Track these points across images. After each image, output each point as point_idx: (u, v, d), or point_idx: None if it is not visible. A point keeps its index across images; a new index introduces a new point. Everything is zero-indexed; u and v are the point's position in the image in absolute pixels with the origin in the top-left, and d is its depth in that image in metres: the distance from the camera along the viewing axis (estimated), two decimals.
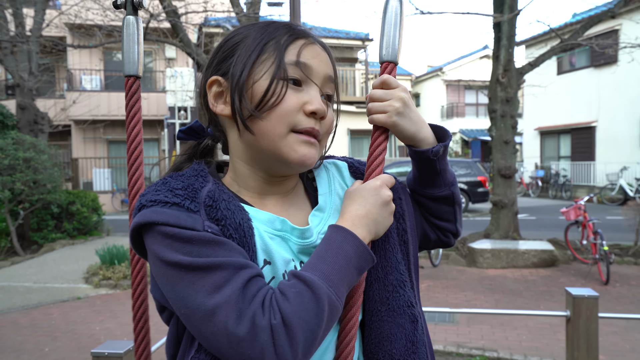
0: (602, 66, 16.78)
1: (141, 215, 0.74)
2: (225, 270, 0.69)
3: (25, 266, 8.01)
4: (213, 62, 0.86)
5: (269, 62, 0.80)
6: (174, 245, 0.71)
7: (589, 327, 2.81)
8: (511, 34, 8.40)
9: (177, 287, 0.70)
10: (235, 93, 0.80)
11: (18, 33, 9.89)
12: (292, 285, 0.71)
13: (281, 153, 0.81)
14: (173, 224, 0.71)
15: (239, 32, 0.86)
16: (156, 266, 0.73)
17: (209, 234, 0.72)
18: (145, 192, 0.77)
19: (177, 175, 0.80)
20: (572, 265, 7.43)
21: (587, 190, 17.00)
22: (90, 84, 16.93)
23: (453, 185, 0.98)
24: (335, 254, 0.75)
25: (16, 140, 8.96)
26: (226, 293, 0.68)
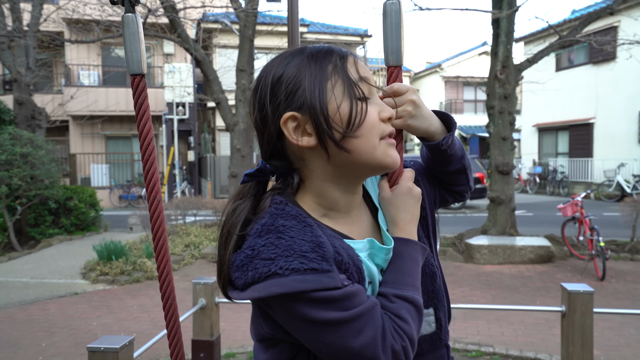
0: (600, 63, 16.78)
1: (281, 284, 0.76)
2: (364, 316, 0.79)
3: (22, 262, 8.01)
4: (277, 101, 0.86)
5: (340, 85, 0.85)
6: (319, 306, 0.77)
7: (584, 322, 2.83)
8: (510, 30, 8.40)
9: (322, 336, 0.78)
10: (322, 121, 0.84)
11: (15, 28, 9.85)
12: (400, 306, 0.85)
13: (379, 161, 0.88)
14: (319, 289, 0.77)
15: (288, 67, 0.87)
16: (296, 324, 0.80)
17: (347, 288, 0.79)
18: (270, 256, 0.78)
19: (284, 228, 0.82)
20: (568, 261, 7.46)
21: (584, 186, 17.03)
22: (88, 79, 16.88)
23: (463, 158, 1.09)
24: (412, 265, 0.91)
25: (13, 135, 8.94)
26: (368, 334, 0.78)
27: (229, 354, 4.17)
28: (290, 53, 0.90)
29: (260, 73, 0.92)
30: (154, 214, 1.08)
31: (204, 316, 3.33)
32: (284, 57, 0.90)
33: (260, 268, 0.78)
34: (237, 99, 9.10)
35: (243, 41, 9.03)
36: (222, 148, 18.83)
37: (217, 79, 9.38)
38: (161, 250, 1.10)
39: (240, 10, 8.89)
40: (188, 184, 16.76)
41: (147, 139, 1.05)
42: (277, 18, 14.79)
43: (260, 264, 0.78)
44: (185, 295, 5.90)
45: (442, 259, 7.77)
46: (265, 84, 0.88)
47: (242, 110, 9.05)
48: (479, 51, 27.79)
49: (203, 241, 8.63)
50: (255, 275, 0.78)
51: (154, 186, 1.07)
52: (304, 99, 0.84)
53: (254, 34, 9.15)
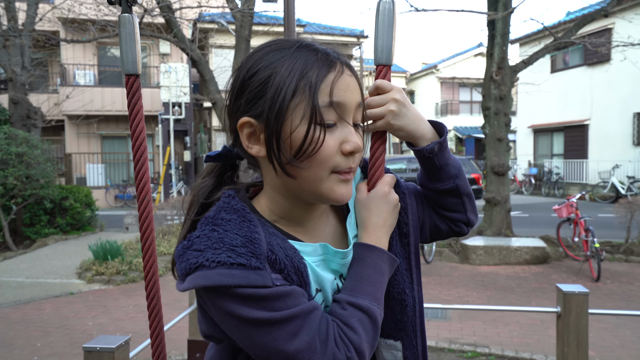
0: (595, 65, 16.87)
1: (206, 277, 0.73)
2: (298, 319, 0.75)
3: (17, 261, 7.98)
4: (241, 100, 0.83)
5: (303, 106, 0.78)
6: (247, 303, 0.74)
7: (579, 323, 2.84)
8: (505, 31, 8.43)
9: (253, 337, 0.75)
10: (273, 142, 0.79)
11: (10, 27, 9.81)
12: (351, 314, 0.80)
13: (321, 194, 0.83)
14: (245, 285, 0.73)
15: (264, 66, 0.81)
16: (227, 321, 0.76)
17: (279, 287, 0.76)
18: (200, 248, 0.76)
19: (222, 221, 0.79)
20: (563, 262, 7.49)
21: (579, 187, 17.11)
22: (84, 79, 16.82)
23: (457, 178, 1.00)
24: (374, 273, 0.85)
25: (9, 134, 8.90)
26: (303, 339, 0.74)
27: None
28: (276, 48, 0.83)
29: (243, 60, 0.86)
30: (143, 214, 1.07)
31: None
32: (267, 51, 0.84)
33: (190, 259, 0.75)
34: None
35: (239, 41, 9.02)
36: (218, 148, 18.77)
37: (214, 79, 9.37)
38: (149, 250, 1.10)
39: (236, 11, 8.89)
40: (184, 184, 16.72)
41: (140, 139, 1.05)
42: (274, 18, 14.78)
43: (191, 255, 0.76)
44: (182, 296, 5.89)
45: (438, 260, 7.79)
46: (239, 77, 0.84)
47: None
48: (474, 52, 27.89)
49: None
50: (186, 267, 0.76)
51: (144, 186, 1.06)
52: (263, 109, 0.79)
53: (251, 34, 9.15)
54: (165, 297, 5.93)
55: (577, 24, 8.55)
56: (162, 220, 9.63)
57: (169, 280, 6.79)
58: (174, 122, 16.05)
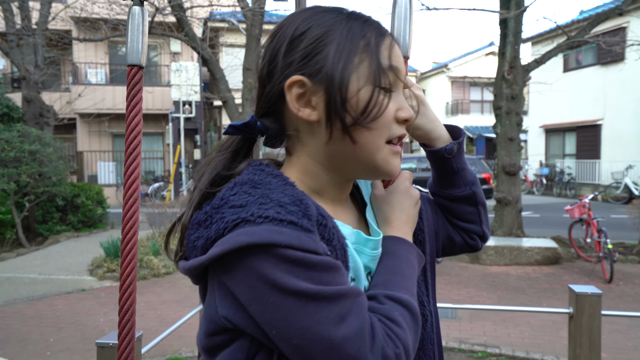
0: (608, 64, 16.67)
1: (251, 233, 0.63)
2: (347, 299, 0.64)
3: (30, 258, 8.07)
4: (289, 58, 0.75)
5: (366, 66, 0.73)
6: (293, 270, 0.63)
7: (592, 324, 2.81)
8: (517, 30, 8.36)
9: (293, 317, 0.62)
10: (338, 99, 0.72)
11: (24, 26, 9.92)
12: (392, 308, 0.71)
13: (376, 165, 0.77)
14: (296, 247, 0.63)
15: (316, 24, 0.75)
16: (264, 294, 0.63)
17: (330, 258, 0.66)
18: (240, 203, 0.66)
19: (261, 181, 0.71)
20: (575, 263, 7.42)
21: (591, 188, 16.93)
22: (96, 78, 16.97)
23: (474, 185, 0.96)
24: (407, 267, 0.79)
25: (22, 132, 9.00)
26: (353, 324, 0.63)
27: None
28: (324, 10, 0.77)
29: (283, 21, 0.79)
30: (128, 212, 0.99)
31: None
32: (315, 11, 0.77)
33: (227, 217, 0.65)
34: (243, 98, 9.11)
35: (250, 40, 9.04)
36: None
37: (224, 78, 9.40)
38: (129, 253, 1.01)
39: (247, 9, 8.91)
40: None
41: (135, 132, 1.01)
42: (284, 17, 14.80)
43: (228, 212, 0.66)
44: (192, 293, 5.92)
45: (448, 260, 7.76)
46: (283, 35, 0.76)
47: (248, 109, 9.06)
48: (486, 51, 27.69)
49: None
50: (221, 227, 0.65)
51: (134, 182, 1.00)
52: (322, 67, 0.72)
53: (261, 33, 9.16)
54: (175, 294, 5.97)
55: (590, 23, 8.46)
56: (172, 218, 9.69)
57: (179, 277, 6.83)
58: (185, 121, 16.13)
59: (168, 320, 4.97)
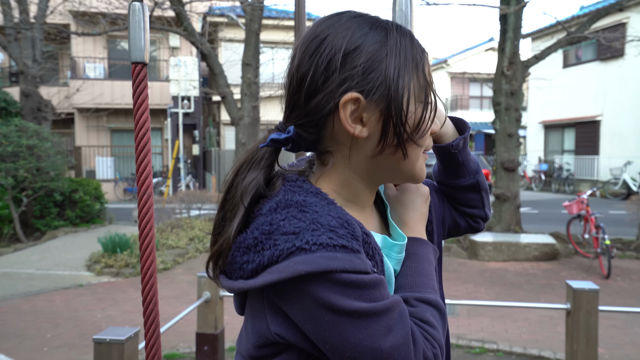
0: (608, 60, 16.66)
1: (308, 262, 0.65)
2: (393, 311, 0.70)
3: (27, 253, 8.06)
4: (348, 72, 0.73)
5: (416, 84, 0.76)
6: (347, 292, 0.66)
7: (589, 320, 2.82)
8: (517, 26, 8.34)
9: (347, 333, 0.67)
10: (397, 117, 0.74)
11: (22, 20, 9.87)
12: (424, 310, 0.76)
13: (414, 173, 0.82)
14: (349, 270, 0.66)
15: (366, 38, 0.74)
16: (319, 315, 0.67)
17: (377, 275, 0.70)
18: (293, 230, 0.67)
19: (305, 202, 0.71)
20: (573, 259, 7.43)
21: (590, 184, 16.95)
22: (94, 72, 16.91)
23: (477, 173, 1.00)
24: (428, 266, 0.83)
25: (19, 127, 8.97)
26: (399, 334, 0.69)
27: (233, 347, 4.18)
28: (369, 23, 0.76)
29: (321, 28, 0.77)
30: (144, 208, 1.02)
31: (209, 309, 3.34)
32: (360, 22, 0.76)
33: (281, 244, 0.66)
34: (242, 93, 9.09)
35: (249, 35, 9.01)
36: (227, 142, 18.83)
37: (223, 73, 9.37)
38: (148, 246, 1.03)
39: (246, 4, 8.87)
40: (193, 177, 16.79)
41: (144, 129, 1.03)
42: (284, 12, 14.75)
43: (281, 239, 0.67)
44: (190, 288, 5.92)
45: (447, 255, 7.76)
46: (336, 48, 0.74)
47: (247, 105, 9.04)
48: (485, 47, 27.64)
49: (207, 235, 8.65)
50: (275, 254, 0.66)
51: (146, 178, 1.03)
52: (379, 84, 0.73)
53: (260, 28, 9.13)
54: (173, 290, 5.97)
55: (590, 19, 8.44)
56: (170, 214, 9.69)
57: (177, 273, 6.83)
58: (183, 116, 16.09)
59: (165, 316, 4.96)
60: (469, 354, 4.09)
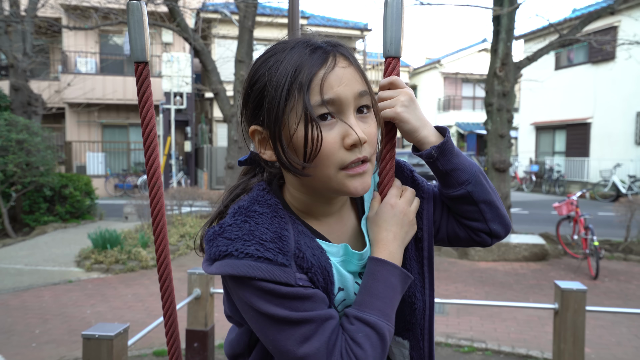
0: (599, 62, 16.79)
1: (233, 266, 0.77)
2: (313, 323, 0.77)
3: (16, 248, 7.99)
4: (247, 108, 0.87)
5: (298, 108, 0.79)
6: (266, 297, 0.77)
7: (576, 320, 2.85)
8: (510, 27, 8.38)
9: (267, 331, 0.78)
10: (279, 147, 0.81)
11: (12, 13, 9.77)
12: (358, 329, 0.80)
13: (335, 190, 0.84)
14: (269, 280, 0.76)
15: (262, 74, 0.83)
16: (247, 310, 0.80)
17: (301, 288, 0.78)
18: (231, 237, 0.79)
19: (254, 213, 0.82)
20: (562, 260, 7.50)
21: (580, 186, 17.10)
22: (86, 67, 16.77)
23: (469, 184, 0.94)
24: (385, 288, 0.84)
25: (9, 121, 8.88)
26: (314, 345, 0.76)
27: (223, 344, 4.18)
28: (272, 53, 0.84)
29: (251, 67, 0.88)
30: (154, 200, 1.09)
31: (199, 306, 3.34)
32: (266, 56, 0.85)
33: (220, 246, 0.79)
34: (235, 90, 9.06)
35: (242, 32, 8.98)
36: (219, 139, 18.77)
37: (216, 70, 9.34)
38: (160, 235, 1.13)
39: (240, 1, 8.84)
40: (184, 174, 16.72)
41: (150, 126, 1.06)
42: (277, 10, 14.72)
43: (221, 242, 0.79)
44: (180, 285, 5.89)
45: (437, 255, 7.80)
46: (245, 87, 0.87)
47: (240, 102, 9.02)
48: (478, 48, 27.73)
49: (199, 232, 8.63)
50: (216, 252, 0.79)
51: (155, 172, 1.08)
52: (266, 114, 0.81)
53: (254, 25, 9.11)
54: None
55: (582, 21, 8.50)
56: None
57: None
58: (175, 112, 16.02)
59: (155, 312, 4.95)
60: (457, 353, 4.12)
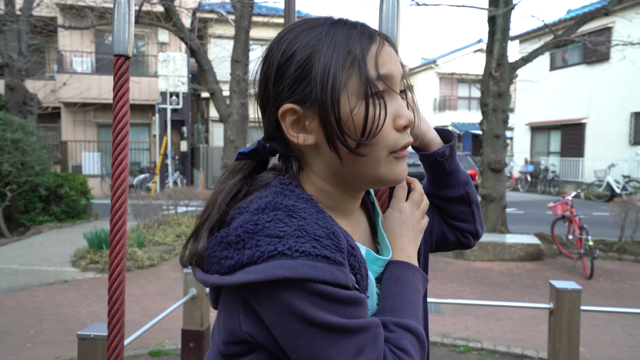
0: (594, 63, 16.88)
1: (287, 267, 0.64)
2: (367, 332, 0.68)
3: (11, 248, 7.96)
4: (279, 86, 0.75)
5: (354, 82, 0.72)
6: (322, 304, 0.65)
7: (571, 319, 2.86)
8: (505, 28, 8.41)
9: (315, 345, 0.65)
10: (334, 126, 0.72)
11: (8, 12, 9.72)
12: (402, 336, 0.74)
13: (380, 176, 0.77)
14: (329, 282, 0.65)
15: (301, 46, 0.74)
16: (290, 322, 0.66)
17: (357, 292, 0.69)
18: (277, 234, 0.66)
19: (295, 208, 0.70)
20: (557, 260, 7.53)
21: (575, 186, 17.17)
22: (81, 66, 16.71)
23: (467, 185, 0.98)
24: (413, 292, 0.80)
25: (4, 121, 8.84)
26: (370, 357, 0.67)
27: None
28: (309, 26, 0.76)
29: (272, 43, 0.78)
30: (116, 204, 1.00)
31: (195, 306, 3.34)
32: (300, 30, 0.76)
33: (263, 246, 0.65)
34: (231, 90, 9.05)
35: (239, 32, 8.97)
36: (215, 139, 18.75)
37: (212, 70, 9.32)
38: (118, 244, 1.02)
39: (236, 1, 8.83)
40: (180, 174, 16.69)
41: (122, 123, 1.01)
42: (274, 10, 14.72)
43: (263, 240, 0.66)
44: (176, 285, 5.90)
45: (433, 255, 7.82)
46: (272, 62, 0.76)
47: (236, 102, 9.01)
48: (474, 48, 27.83)
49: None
50: (255, 254, 0.65)
51: (122, 172, 1.01)
52: (310, 92, 0.72)
53: (250, 25, 9.10)
54: (159, 286, 5.94)
55: (577, 22, 8.54)
56: (157, 210, 9.62)
57: (164, 269, 6.79)
58: (171, 112, 15.98)
59: (151, 312, 4.94)
60: (453, 353, 4.13)
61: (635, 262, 7.40)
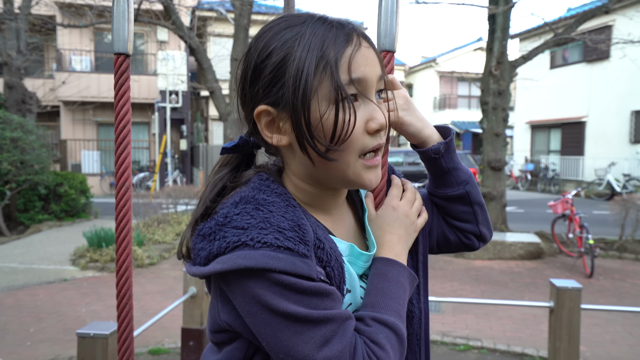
0: (594, 61, 16.86)
1: (249, 257, 0.66)
2: (334, 323, 0.69)
3: (11, 247, 7.95)
4: (255, 87, 0.76)
5: (326, 86, 0.72)
6: (285, 293, 0.67)
7: (572, 318, 2.86)
8: (505, 26, 8.40)
9: (281, 334, 0.68)
10: (304, 130, 0.72)
11: (6, 10, 9.70)
12: (377, 330, 0.74)
13: (349, 180, 0.78)
14: (291, 273, 0.67)
15: (277, 47, 0.74)
16: (255, 313, 0.68)
17: (322, 284, 0.70)
18: (243, 225, 0.69)
19: (264, 201, 0.72)
20: (557, 258, 7.53)
21: (575, 184, 17.17)
22: (80, 65, 16.68)
23: (467, 184, 0.96)
24: (397, 289, 0.81)
25: (3, 119, 8.83)
26: (336, 347, 0.68)
27: None
28: (288, 25, 0.76)
29: (252, 41, 0.79)
30: (121, 201, 1.01)
31: (194, 305, 3.33)
32: (279, 28, 0.76)
33: (229, 237, 0.68)
34: (231, 89, 9.05)
35: (238, 30, 8.96)
36: (215, 137, 18.74)
37: (211, 68, 9.31)
38: (124, 241, 1.03)
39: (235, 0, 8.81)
40: (180, 172, 16.68)
41: (124, 121, 1.01)
42: (273, 8, 14.70)
43: (230, 232, 0.69)
44: (176, 284, 5.89)
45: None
46: (249, 62, 0.77)
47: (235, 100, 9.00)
48: (474, 47, 27.81)
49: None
50: (222, 245, 0.68)
51: (125, 170, 1.01)
52: (283, 95, 0.73)
53: (249, 23, 9.08)
54: (159, 285, 5.93)
55: (577, 20, 8.53)
56: (157, 209, 9.61)
57: (163, 268, 6.79)
58: (171, 111, 15.97)
59: (151, 311, 4.94)
60: (453, 351, 4.13)
61: (635, 261, 7.39)
